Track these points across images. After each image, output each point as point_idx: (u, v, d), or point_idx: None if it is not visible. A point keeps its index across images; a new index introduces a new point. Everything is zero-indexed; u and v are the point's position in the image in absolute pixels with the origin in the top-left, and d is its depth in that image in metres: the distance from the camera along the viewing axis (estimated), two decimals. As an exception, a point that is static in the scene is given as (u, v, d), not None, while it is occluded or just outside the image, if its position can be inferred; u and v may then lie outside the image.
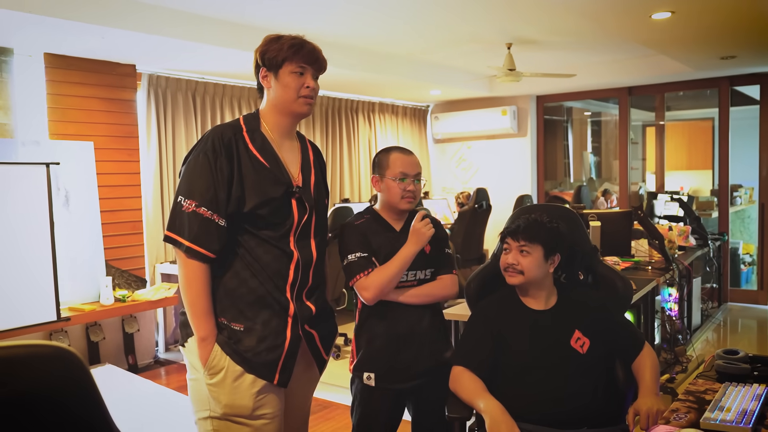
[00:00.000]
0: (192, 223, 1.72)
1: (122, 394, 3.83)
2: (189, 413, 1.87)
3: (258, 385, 1.78)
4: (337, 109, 7.09)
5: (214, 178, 1.73)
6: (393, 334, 2.14)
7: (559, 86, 7.00)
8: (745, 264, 7.19)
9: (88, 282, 4.45)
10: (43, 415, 0.91)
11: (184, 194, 1.74)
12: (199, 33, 4.28)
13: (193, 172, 1.75)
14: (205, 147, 1.77)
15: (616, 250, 4.13)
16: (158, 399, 3.76)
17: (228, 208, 1.75)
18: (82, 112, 4.59)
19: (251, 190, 1.76)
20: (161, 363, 5.02)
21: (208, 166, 1.74)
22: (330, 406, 3.82)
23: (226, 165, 1.74)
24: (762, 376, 1.93)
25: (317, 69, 1.86)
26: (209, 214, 1.72)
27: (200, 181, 1.73)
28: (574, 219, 2.35)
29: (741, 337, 5.76)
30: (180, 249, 1.74)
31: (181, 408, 3.45)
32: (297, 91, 1.82)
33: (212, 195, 1.72)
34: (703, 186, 7.98)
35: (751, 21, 4.41)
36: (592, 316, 2.10)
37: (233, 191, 1.75)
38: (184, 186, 1.75)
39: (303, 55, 1.82)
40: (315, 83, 1.86)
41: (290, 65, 1.81)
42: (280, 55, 1.81)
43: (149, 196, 5.13)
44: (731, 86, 6.61)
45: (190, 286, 1.75)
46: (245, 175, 1.76)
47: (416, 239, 2.09)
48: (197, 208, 1.72)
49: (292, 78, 1.81)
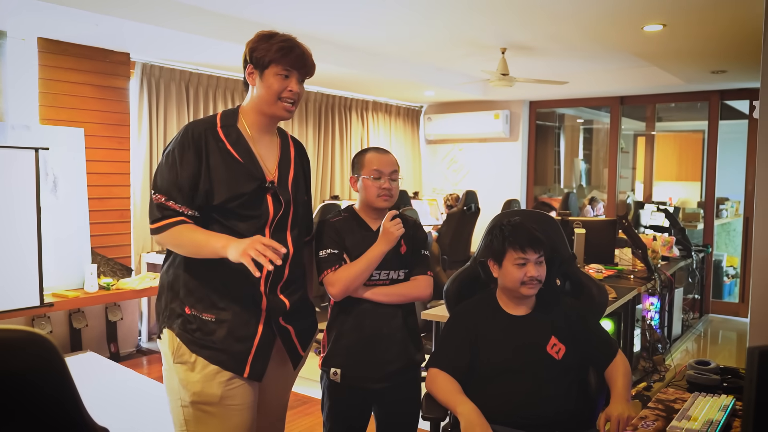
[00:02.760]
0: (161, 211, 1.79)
1: (103, 381, 3.84)
2: (166, 402, 1.90)
3: (227, 374, 1.80)
4: (330, 105, 7.11)
5: (181, 172, 1.77)
6: (360, 332, 2.13)
7: (552, 93, 7.04)
8: (728, 276, 7.26)
9: (74, 269, 4.45)
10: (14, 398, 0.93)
11: (155, 188, 1.80)
12: (195, 24, 4.28)
13: (162, 167, 1.81)
14: (175, 142, 1.81)
15: (600, 258, 4.17)
16: (138, 388, 3.77)
17: (196, 201, 1.78)
18: (74, 99, 4.59)
19: (221, 184, 1.79)
20: (143, 352, 5.03)
21: (175, 161, 1.78)
22: (309, 402, 3.84)
23: (194, 159, 1.78)
24: (731, 387, 1.97)
25: (304, 74, 1.87)
26: (177, 207, 1.76)
27: (168, 176, 1.78)
28: (555, 225, 2.39)
29: (720, 348, 5.83)
30: (157, 233, 1.78)
31: (160, 397, 3.46)
32: (278, 93, 1.83)
33: (178, 189, 1.77)
34: (690, 197, 8.05)
35: (741, 36, 4.46)
36: (569, 323, 2.13)
37: (201, 184, 1.78)
38: (157, 180, 1.81)
39: (290, 60, 1.82)
40: (299, 87, 1.86)
41: (276, 67, 1.82)
42: (267, 55, 1.82)
43: (138, 186, 5.13)
44: (721, 100, 6.68)
45: (185, 244, 1.78)
46: (213, 168, 1.79)
47: (385, 239, 2.09)
48: (166, 201, 1.77)
49: (276, 80, 1.82)
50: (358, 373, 2.13)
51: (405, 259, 2.19)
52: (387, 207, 2.19)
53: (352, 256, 2.12)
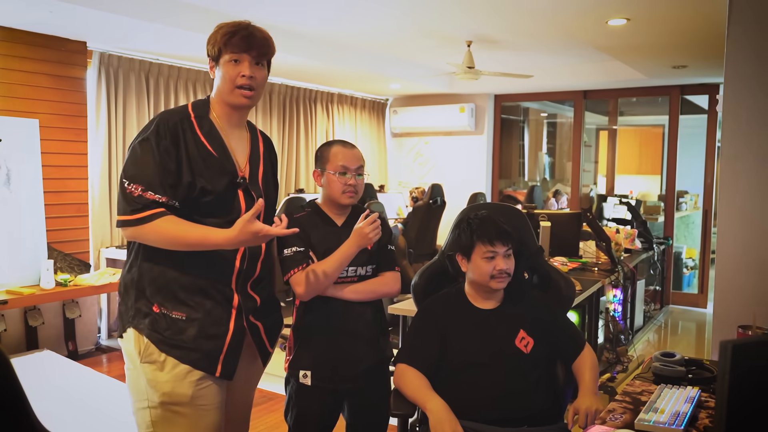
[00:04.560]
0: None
1: (60, 380, 3.72)
2: (128, 402, 1.83)
3: (198, 374, 1.74)
4: (294, 98, 7.02)
5: (159, 162, 1.68)
6: (331, 331, 2.08)
7: (517, 86, 7.07)
8: (687, 268, 7.42)
9: (29, 264, 4.29)
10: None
11: (129, 179, 1.69)
12: (154, 12, 4.16)
13: (137, 157, 1.70)
14: (149, 131, 1.72)
15: (565, 251, 4.20)
16: (97, 386, 3.67)
17: (179, 192, 1.70)
18: (28, 88, 4.42)
19: (198, 176, 1.72)
20: (103, 350, 4.90)
21: (151, 151, 1.69)
22: (274, 398, 3.79)
23: (172, 149, 1.70)
24: (696, 378, 1.99)
25: (257, 56, 1.77)
26: (157, 197, 1.67)
27: (145, 166, 1.68)
28: (522, 218, 2.38)
29: (680, 338, 5.95)
30: (136, 224, 1.67)
31: (120, 396, 3.37)
32: (233, 81, 1.76)
33: (159, 179, 1.68)
34: (651, 191, 8.18)
35: (702, 32, 4.53)
36: (537, 316, 2.13)
37: (183, 176, 1.70)
38: (130, 170, 1.70)
39: (234, 43, 1.75)
40: (255, 71, 1.77)
41: (226, 54, 1.76)
42: (216, 44, 1.77)
43: (96, 179, 4.98)
44: (682, 95, 6.80)
45: (171, 237, 1.68)
46: (192, 160, 1.72)
47: (357, 240, 2.04)
48: (144, 192, 1.67)
49: (228, 67, 1.76)
50: (330, 374, 2.08)
51: (372, 255, 2.16)
52: (351, 204, 2.14)
53: (317, 253, 2.08)
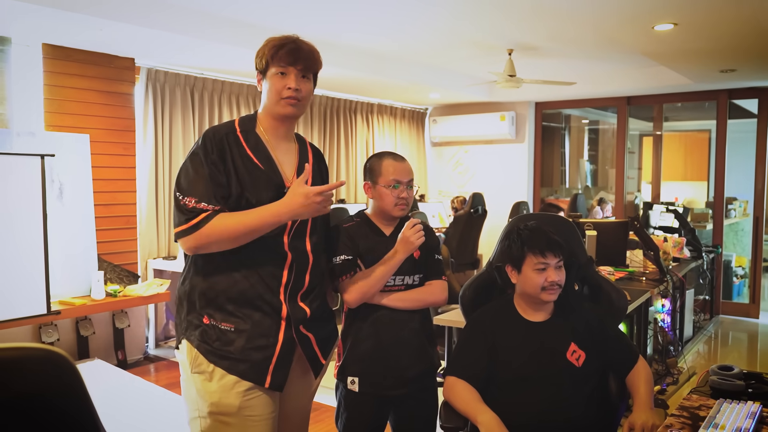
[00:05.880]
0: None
1: (111, 389, 3.80)
2: (177, 411, 1.87)
3: (246, 385, 1.76)
4: (335, 109, 7.07)
5: (209, 175, 1.73)
6: (378, 339, 2.10)
7: (559, 93, 7.00)
8: (737, 277, 7.20)
9: (80, 276, 4.41)
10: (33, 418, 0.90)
11: (183, 192, 1.74)
12: (199, 29, 4.25)
13: (188, 171, 1.75)
14: (198, 146, 1.78)
15: (611, 260, 4.12)
16: (146, 396, 3.74)
17: (230, 205, 1.74)
18: (79, 105, 4.56)
19: (245, 189, 1.76)
20: (151, 359, 4.99)
21: (201, 164, 1.74)
22: (319, 409, 3.79)
23: (219, 163, 1.75)
24: (756, 393, 1.92)
25: (303, 69, 1.82)
26: (211, 209, 1.72)
27: (197, 179, 1.73)
28: (571, 229, 2.35)
29: (731, 350, 5.77)
30: (193, 231, 1.71)
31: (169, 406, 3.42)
32: (279, 93, 1.80)
33: (212, 191, 1.72)
34: (697, 197, 8.00)
35: (752, 35, 4.42)
36: (588, 329, 2.09)
37: (233, 188, 1.75)
38: (183, 184, 1.75)
39: (282, 56, 1.79)
40: (301, 83, 1.81)
41: (273, 67, 1.81)
42: (264, 57, 1.82)
43: (144, 191, 5.11)
44: (730, 99, 6.63)
45: (230, 230, 1.71)
46: (239, 173, 1.76)
47: (404, 247, 2.06)
48: (197, 204, 1.71)
49: (275, 80, 1.81)
50: (377, 381, 2.10)
51: (419, 264, 2.17)
52: (403, 215, 2.17)
53: (365, 262, 2.10)
